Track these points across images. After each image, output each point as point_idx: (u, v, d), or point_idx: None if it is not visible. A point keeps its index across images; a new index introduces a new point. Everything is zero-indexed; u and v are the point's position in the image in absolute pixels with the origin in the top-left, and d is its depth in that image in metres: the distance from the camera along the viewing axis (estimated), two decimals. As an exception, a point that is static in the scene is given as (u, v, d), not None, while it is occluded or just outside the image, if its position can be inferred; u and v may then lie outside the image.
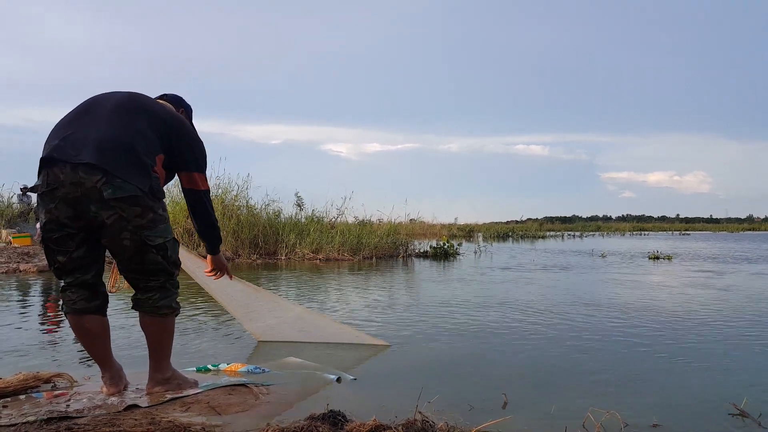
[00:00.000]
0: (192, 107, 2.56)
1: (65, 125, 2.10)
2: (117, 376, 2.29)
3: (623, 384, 2.65)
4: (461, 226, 28.96)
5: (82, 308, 2.15)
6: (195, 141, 2.31)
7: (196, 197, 2.31)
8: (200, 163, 2.31)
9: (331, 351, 3.22)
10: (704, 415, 2.18)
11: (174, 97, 2.49)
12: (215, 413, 2.08)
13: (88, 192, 1.98)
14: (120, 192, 1.99)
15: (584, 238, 28.94)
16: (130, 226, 2.04)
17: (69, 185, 1.98)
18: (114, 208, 2.00)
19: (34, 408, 2.06)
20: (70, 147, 2.00)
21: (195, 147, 2.30)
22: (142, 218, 2.05)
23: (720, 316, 4.52)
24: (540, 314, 4.57)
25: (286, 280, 7.56)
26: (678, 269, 9.20)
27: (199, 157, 2.31)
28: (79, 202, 2.00)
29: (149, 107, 2.22)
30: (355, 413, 1.99)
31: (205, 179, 2.34)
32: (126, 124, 2.10)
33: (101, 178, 1.97)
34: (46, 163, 2.02)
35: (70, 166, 1.97)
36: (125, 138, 2.06)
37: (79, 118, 2.12)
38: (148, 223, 2.07)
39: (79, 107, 2.18)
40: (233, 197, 11.92)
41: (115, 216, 2.01)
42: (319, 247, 11.38)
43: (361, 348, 3.31)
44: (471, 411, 2.16)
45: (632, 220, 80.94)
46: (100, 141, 2.02)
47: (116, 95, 2.22)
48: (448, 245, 12.53)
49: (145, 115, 2.17)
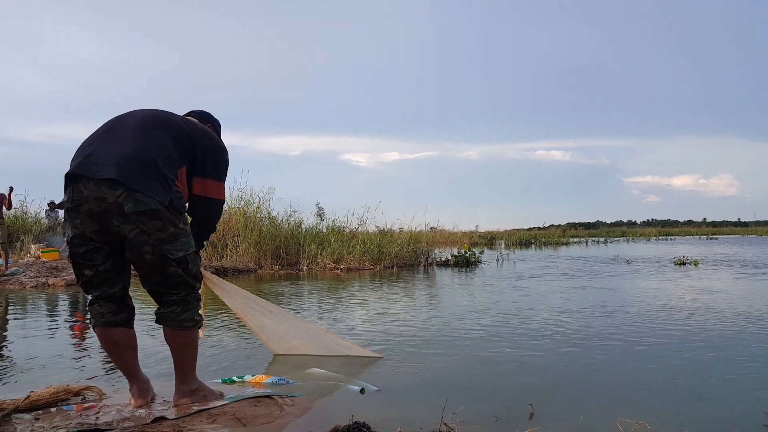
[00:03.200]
0: (220, 122, 2.61)
1: (89, 143, 2.17)
2: (144, 389, 2.32)
3: (652, 394, 2.60)
4: (482, 234, 28.83)
5: (109, 321, 2.20)
6: (221, 152, 2.36)
7: (206, 204, 2.33)
8: (219, 172, 2.34)
9: (351, 362, 3.22)
10: (737, 425, 2.12)
11: (201, 113, 2.55)
12: (241, 425, 2.09)
13: (110, 206, 2.03)
14: (141, 206, 2.03)
15: (608, 244, 28.51)
16: (151, 240, 2.08)
17: (93, 200, 2.03)
18: (135, 222, 2.05)
19: (65, 420, 2.10)
20: (93, 164, 2.06)
21: (219, 158, 2.34)
22: (163, 232, 2.09)
23: (752, 323, 4.41)
24: (564, 323, 4.51)
25: (308, 290, 7.59)
26: (706, 275, 9.00)
27: (220, 166, 2.34)
28: (102, 217, 2.05)
29: (173, 122, 2.27)
30: (380, 425, 1.98)
31: (221, 189, 2.36)
32: (148, 140, 2.15)
33: (122, 193, 2.02)
34: (70, 180, 2.08)
35: (93, 182, 2.03)
36: (146, 153, 2.11)
37: (103, 137, 2.18)
38: (168, 237, 2.11)
39: (103, 126, 2.24)
40: (255, 209, 12.05)
41: (137, 230, 2.06)
42: (340, 257, 11.42)
43: (383, 359, 3.30)
44: (497, 422, 2.14)
45: (658, 224, 79.59)
46: (121, 157, 2.07)
47: (140, 113, 2.27)
48: (469, 253, 12.46)
49: (168, 131, 2.22)
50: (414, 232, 13.45)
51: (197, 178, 2.31)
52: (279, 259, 11.43)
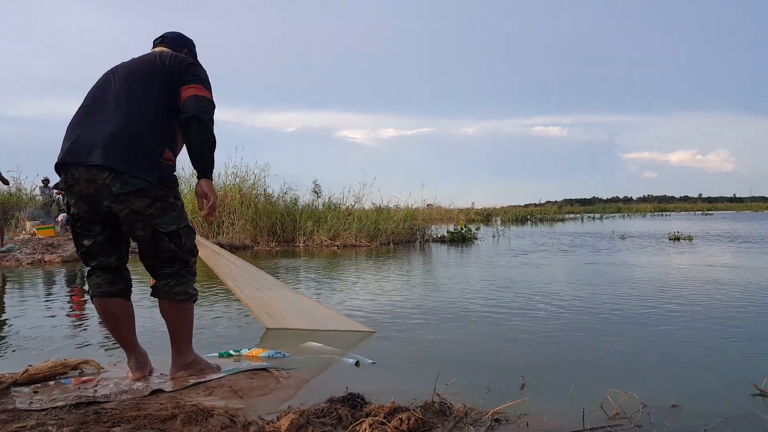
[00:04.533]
0: (194, 41, 2.52)
1: (76, 124, 2.18)
2: (142, 362, 2.35)
3: (642, 366, 2.65)
4: (479, 211, 28.80)
5: (106, 291, 2.24)
6: (195, 65, 2.28)
7: (197, 104, 2.17)
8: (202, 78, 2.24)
9: (346, 336, 3.25)
10: (725, 396, 2.16)
11: (174, 38, 2.45)
12: (237, 397, 2.12)
13: (100, 188, 2.08)
14: (128, 186, 2.07)
15: (604, 220, 28.62)
16: (142, 217, 2.12)
17: (84, 183, 2.09)
18: (124, 202, 2.09)
19: (63, 393, 2.13)
20: (82, 149, 2.09)
21: (195, 69, 2.26)
22: (151, 208, 2.12)
23: (741, 296, 4.46)
24: (557, 297, 4.56)
25: (305, 266, 7.62)
26: (699, 250, 9.07)
27: (200, 75, 2.24)
28: (93, 198, 2.10)
29: (148, 66, 2.24)
30: (374, 396, 2.02)
31: (209, 92, 2.24)
32: (131, 111, 2.14)
33: (108, 175, 2.06)
34: (62, 166, 2.14)
35: (84, 167, 2.08)
36: (131, 129, 2.11)
37: (86, 117, 2.18)
38: (157, 212, 2.14)
39: (85, 102, 2.23)
40: (251, 186, 12.01)
41: (127, 209, 2.10)
42: (336, 234, 11.44)
43: (379, 333, 3.34)
44: (488, 393, 2.18)
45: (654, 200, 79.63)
46: (106, 137, 2.09)
47: (119, 75, 2.23)
48: (465, 230, 12.50)
49: (147, 79, 2.20)
50: (410, 209, 13.46)
51: (183, 87, 2.19)
52: (275, 236, 11.44)
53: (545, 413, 1.93)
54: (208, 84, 2.28)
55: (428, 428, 1.78)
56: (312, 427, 1.68)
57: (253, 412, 1.95)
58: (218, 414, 1.83)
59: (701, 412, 1.98)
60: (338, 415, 1.82)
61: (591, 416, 1.89)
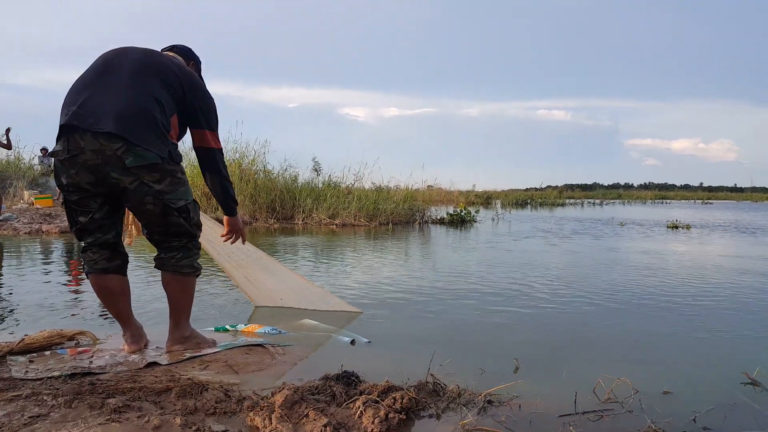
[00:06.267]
0: (201, 60, 2.52)
1: (82, 88, 2.10)
2: (137, 335, 2.36)
3: (635, 352, 2.66)
4: (479, 193, 28.78)
5: (103, 268, 2.22)
6: (206, 98, 2.30)
7: (208, 156, 2.31)
8: (212, 122, 2.30)
9: (342, 315, 3.27)
10: (716, 384, 2.18)
11: (183, 49, 2.46)
12: (233, 372, 2.14)
13: (108, 159, 2.01)
14: (141, 160, 2.03)
15: (604, 206, 28.61)
16: (152, 191, 2.09)
17: (89, 152, 2.01)
18: (135, 175, 2.05)
19: (59, 364, 2.14)
20: (90, 114, 2.01)
21: (207, 105, 2.29)
22: (162, 183, 2.10)
23: (734, 285, 4.48)
24: (553, 281, 4.57)
25: (303, 244, 7.63)
26: (696, 238, 9.08)
27: (210, 116, 2.30)
28: (99, 169, 2.03)
29: (165, 66, 2.20)
30: (368, 374, 2.03)
31: (217, 138, 2.33)
32: (144, 89, 2.10)
33: (121, 146, 2.00)
34: (65, 130, 2.04)
35: (90, 134, 2.00)
36: (143, 104, 2.07)
37: (96, 82, 2.10)
38: (168, 188, 2.12)
39: (94, 68, 2.16)
40: (250, 161, 11.97)
41: (137, 182, 2.06)
42: (335, 213, 11.44)
43: (372, 313, 3.35)
44: (482, 375, 2.19)
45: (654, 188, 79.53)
46: (119, 108, 2.03)
47: (131, 54, 2.19)
48: (465, 212, 12.50)
49: (161, 76, 2.16)
50: (410, 190, 13.42)
51: (195, 130, 2.29)
52: (274, 212, 11.44)
53: (538, 396, 1.94)
54: (216, 120, 2.32)
55: (421, 408, 1.79)
56: (306, 403, 1.69)
57: (247, 387, 1.96)
58: (213, 388, 1.84)
59: (692, 399, 1.99)
60: (332, 392, 1.83)
61: (583, 400, 1.90)
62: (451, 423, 1.71)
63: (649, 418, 1.76)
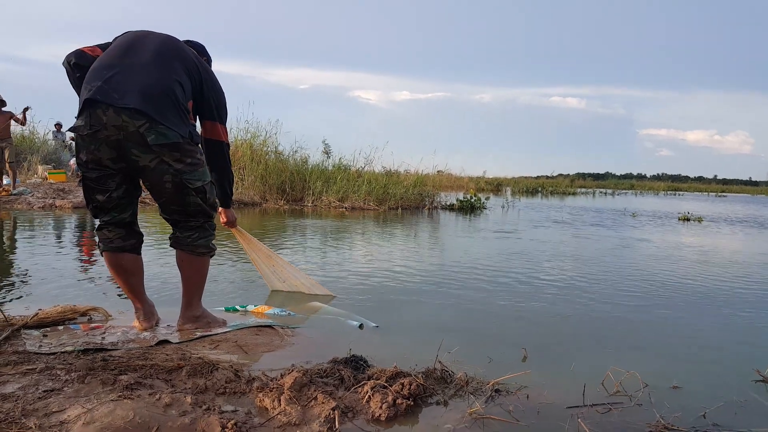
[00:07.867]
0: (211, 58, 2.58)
1: (108, 65, 2.09)
2: (149, 313, 2.38)
3: (646, 346, 2.65)
4: (489, 180, 28.64)
5: (118, 246, 2.23)
6: (220, 93, 2.35)
7: (216, 148, 2.35)
8: (223, 117, 2.36)
9: (351, 299, 3.27)
10: (726, 380, 2.17)
11: (198, 45, 2.50)
12: (242, 352, 2.15)
13: (129, 136, 2.03)
14: (163, 138, 2.04)
15: (616, 196, 28.38)
16: (172, 170, 2.11)
17: (111, 128, 2.02)
18: (156, 153, 2.07)
19: (72, 339, 2.16)
20: (114, 90, 2.02)
21: (220, 100, 2.34)
22: (182, 163, 2.12)
23: (746, 281, 4.44)
24: (565, 273, 4.56)
25: (311, 227, 7.64)
26: (707, 232, 8.99)
27: (222, 111, 2.35)
28: (121, 145, 2.05)
29: (185, 53, 2.23)
30: (376, 359, 2.04)
31: (226, 133, 2.39)
32: (168, 70, 2.12)
33: (144, 123, 2.01)
34: (88, 105, 2.03)
35: (113, 110, 2.00)
36: (168, 85, 2.09)
37: (121, 60, 2.11)
38: (187, 168, 2.14)
39: (119, 46, 2.16)
40: (262, 142, 11.95)
41: (157, 160, 2.08)
42: (345, 196, 11.43)
43: (379, 298, 3.36)
44: (490, 363, 2.19)
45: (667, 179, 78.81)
46: (143, 86, 2.04)
47: (155, 38, 2.21)
48: (474, 198, 12.44)
49: (183, 62, 2.19)
50: (421, 175, 13.36)
51: (208, 122, 2.32)
52: (284, 194, 11.46)
53: (546, 387, 1.94)
54: (226, 116, 2.38)
55: (429, 394, 1.80)
56: (315, 386, 1.71)
57: (257, 367, 1.97)
58: (223, 368, 1.86)
59: (702, 395, 1.98)
60: (341, 376, 1.84)
61: (591, 392, 1.90)
62: (458, 411, 1.71)
63: (658, 413, 1.75)
